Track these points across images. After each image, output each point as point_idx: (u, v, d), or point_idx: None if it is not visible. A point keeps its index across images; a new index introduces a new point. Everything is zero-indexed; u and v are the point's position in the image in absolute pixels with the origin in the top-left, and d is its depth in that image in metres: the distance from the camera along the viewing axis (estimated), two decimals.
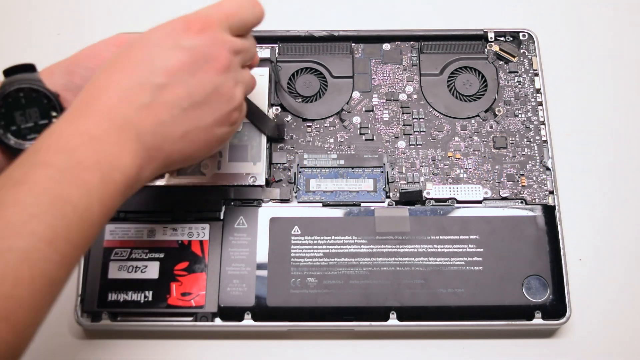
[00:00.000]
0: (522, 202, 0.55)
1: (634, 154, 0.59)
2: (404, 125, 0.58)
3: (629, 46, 0.64)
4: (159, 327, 0.52)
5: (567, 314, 0.51)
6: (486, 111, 0.58)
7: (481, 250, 0.52)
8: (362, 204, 0.55)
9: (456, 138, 0.57)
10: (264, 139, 0.57)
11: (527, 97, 0.59)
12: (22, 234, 0.33)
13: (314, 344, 0.53)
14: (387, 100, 0.59)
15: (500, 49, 0.60)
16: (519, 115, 0.58)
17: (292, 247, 0.52)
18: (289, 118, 0.58)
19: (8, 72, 0.42)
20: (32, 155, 0.35)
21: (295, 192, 0.55)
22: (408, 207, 0.54)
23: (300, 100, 0.59)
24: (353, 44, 0.61)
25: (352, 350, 0.52)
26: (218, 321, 0.51)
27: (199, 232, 0.53)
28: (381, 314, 0.51)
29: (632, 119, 0.61)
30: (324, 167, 0.56)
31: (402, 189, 0.55)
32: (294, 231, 0.53)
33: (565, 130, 0.60)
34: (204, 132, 0.41)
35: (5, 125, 0.42)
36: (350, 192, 0.55)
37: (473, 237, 0.53)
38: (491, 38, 0.61)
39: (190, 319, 0.51)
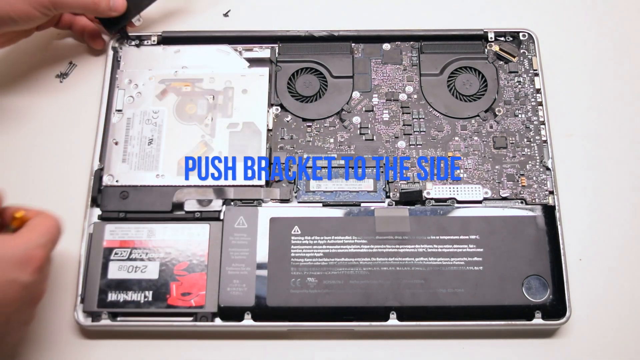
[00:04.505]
0: (522, 202, 0.55)
1: (634, 153, 0.59)
2: (404, 125, 0.58)
3: (629, 46, 0.64)
4: (159, 327, 0.52)
5: (567, 314, 0.51)
6: (486, 111, 0.58)
7: (481, 250, 0.52)
8: (362, 204, 0.55)
9: (456, 138, 0.57)
10: (264, 139, 0.57)
11: (527, 97, 0.59)
12: None
13: (314, 344, 0.53)
14: (387, 100, 0.59)
15: (500, 49, 0.60)
16: (519, 115, 0.58)
17: (292, 247, 0.52)
18: (289, 118, 0.58)
19: None
20: None
21: (295, 192, 0.55)
22: (408, 207, 0.54)
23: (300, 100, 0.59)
24: (353, 44, 0.61)
25: (352, 350, 0.52)
26: (218, 321, 0.51)
27: (199, 232, 0.53)
28: (381, 314, 0.51)
29: (632, 118, 0.61)
30: (324, 167, 0.56)
31: (402, 189, 0.55)
32: (294, 231, 0.53)
33: (565, 130, 0.60)
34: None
35: None
36: (350, 192, 0.55)
37: (473, 237, 0.53)
38: (491, 38, 0.61)
39: (190, 319, 0.51)
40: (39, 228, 0.45)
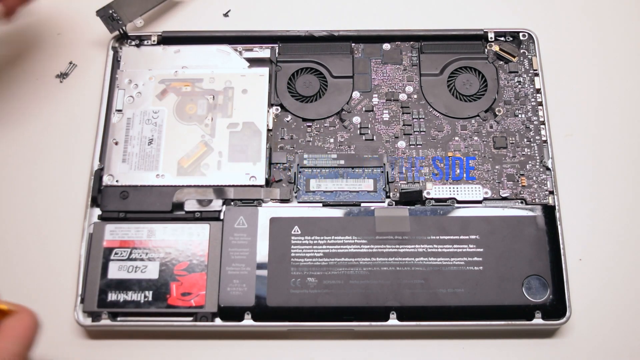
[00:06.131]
0: (522, 202, 0.55)
1: (634, 153, 0.59)
2: (404, 125, 0.58)
3: (629, 46, 0.64)
4: (159, 327, 0.52)
5: (567, 314, 0.51)
6: (486, 111, 0.58)
7: (481, 250, 0.52)
8: (362, 204, 0.55)
9: (456, 138, 0.57)
10: (264, 139, 0.57)
11: (527, 97, 0.59)
12: None
13: (314, 344, 0.53)
14: (387, 100, 0.59)
15: (500, 49, 0.60)
16: (519, 115, 0.58)
17: (292, 247, 0.52)
18: (289, 118, 0.58)
19: None
20: None
21: (295, 192, 0.55)
22: (408, 207, 0.54)
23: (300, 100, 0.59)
24: (353, 44, 0.61)
25: (352, 350, 0.52)
26: (218, 321, 0.51)
27: (199, 232, 0.53)
28: (381, 314, 0.51)
29: (632, 118, 0.61)
30: (324, 167, 0.56)
31: (402, 189, 0.55)
32: (294, 231, 0.53)
33: (565, 130, 0.60)
34: None
35: None
36: (350, 192, 0.55)
37: (473, 237, 0.53)
38: (491, 38, 0.61)
39: (190, 319, 0.51)
40: (13, 333, 0.42)
